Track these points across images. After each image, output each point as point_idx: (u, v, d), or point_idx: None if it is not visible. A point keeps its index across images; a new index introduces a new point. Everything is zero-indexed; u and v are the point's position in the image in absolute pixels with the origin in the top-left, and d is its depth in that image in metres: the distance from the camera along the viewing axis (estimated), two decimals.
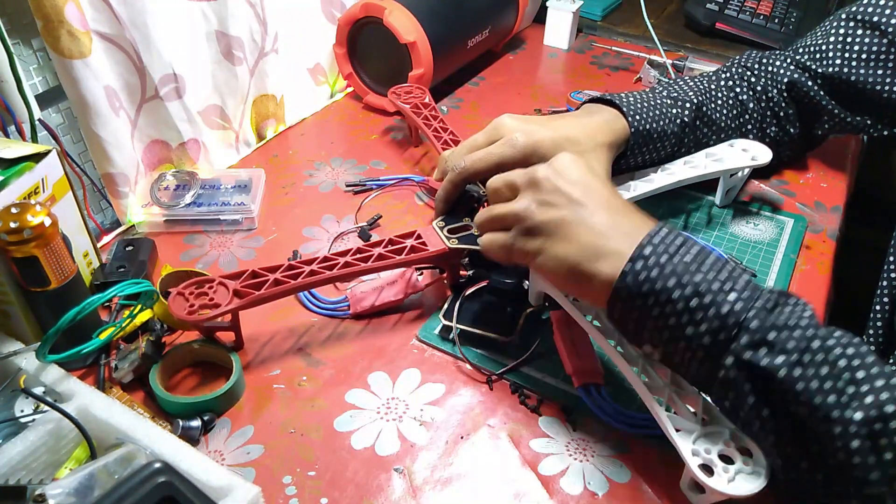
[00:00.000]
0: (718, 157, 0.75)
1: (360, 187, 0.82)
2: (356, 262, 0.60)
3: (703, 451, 0.47)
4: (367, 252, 0.61)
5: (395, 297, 0.64)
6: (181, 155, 0.81)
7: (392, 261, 0.61)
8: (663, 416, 0.49)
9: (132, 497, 0.38)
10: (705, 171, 0.73)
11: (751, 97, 0.78)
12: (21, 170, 0.54)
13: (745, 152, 0.75)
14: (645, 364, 0.51)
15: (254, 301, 0.57)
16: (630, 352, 0.52)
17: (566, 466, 0.52)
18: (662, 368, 0.51)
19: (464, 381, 0.59)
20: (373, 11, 0.89)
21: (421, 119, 0.83)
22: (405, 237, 0.63)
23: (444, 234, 0.64)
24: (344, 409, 0.56)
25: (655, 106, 0.72)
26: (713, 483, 0.45)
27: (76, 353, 0.52)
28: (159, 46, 0.73)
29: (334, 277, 0.60)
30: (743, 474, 0.45)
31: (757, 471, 0.45)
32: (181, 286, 0.57)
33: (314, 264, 0.60)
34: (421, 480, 0.51)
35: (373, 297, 0.64)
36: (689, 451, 0.47)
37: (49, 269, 0.52)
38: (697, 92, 0.76)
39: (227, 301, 0.56)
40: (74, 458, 0.48)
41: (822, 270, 0.71)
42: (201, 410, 0.54)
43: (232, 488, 0.44)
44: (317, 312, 0.65)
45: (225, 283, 0.57)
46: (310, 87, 1.00)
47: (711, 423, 0.48)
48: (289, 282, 0.58)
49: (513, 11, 1.07)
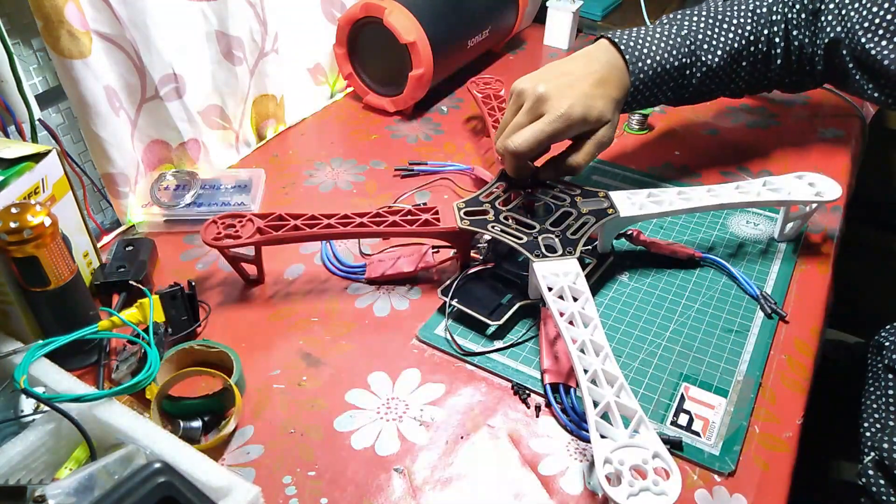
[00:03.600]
0: (776, 188, 0.69)
1: (408, 172, 0.85)
2: (371, 223, 0.64)
3: (616, 461, 0.45)
4: (384, 218, 0.65)
5: (407, 268, 0.67)
6: (181, 155, 0.81)
7: (404, 229, 0.64)
8: (592, 419, 0.48)
9: (132, 497, 0.38)
10: (758, 198, 0.68)
11: (781, 46, 0.76)
12: (21, 170, 0.54)
13: (811, 187, 0.69)
14: (598, 371, 0.51)
15: (272, 240, 0.63)
16: (589, 358, 0.52)
17: (566, 466, 0.52)
18: (612, 377, 0.50)
19: (464, 381, 0.59)
20: (373, 11, 0.89)
21: (487, 108, 0.88)
22: (424, 210, 0.66)
23: (459, 214, 0.65)
24: (344, 409, 0.56)
25: (653, 41, 0.73)
26: (613, 493, 0.43)
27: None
28: (159, 46, 0.73)
29: (348, 234, 0.64)
30: (649, 493, 0.43)
31: (665, 492, 0.43)
32: (217, 216, 0.64)
33: (333, 219, 0.64)
34: (421, 480, 0.51)
35: (387, 264, 0.68)
36: (602, 458, 0.45)
37: (49, 269, 0.52)
38: (696, 33, 0.74)
39: (249, 235, 0.62)
40: (74, 459, 0.48)
41: (822, 270, 0.71)
42: (202, 411, 0.54)
43: (232, 488, 0.44)
44: (335, 273, 0.70)
45: (253, 220, 0.64)
46: (310, 87, 1.00)
47: (640, 439, 0.47)
48: (306, 229, 0.63)
49: (513, 11, 1.07)
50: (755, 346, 0.62)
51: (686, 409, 0.56)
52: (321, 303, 0.66)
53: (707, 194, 0.68)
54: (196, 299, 0.62)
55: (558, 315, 0.55)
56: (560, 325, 0.55)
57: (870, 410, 0.72)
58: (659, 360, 0.60)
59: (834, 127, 0.95)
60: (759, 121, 0.97)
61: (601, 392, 0.50)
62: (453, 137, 0.92)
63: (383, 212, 0.65)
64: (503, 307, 0.62)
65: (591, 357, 0.52)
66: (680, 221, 0.77)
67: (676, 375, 0.59)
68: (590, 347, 0.53)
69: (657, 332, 0.63)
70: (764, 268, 0.70)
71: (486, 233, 0.64)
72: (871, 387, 0.74)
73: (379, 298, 0.67)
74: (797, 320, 0.65)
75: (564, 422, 0.55)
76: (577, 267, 0.60)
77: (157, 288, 0.61)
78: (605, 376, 0.51)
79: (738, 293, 0.67)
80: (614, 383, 0.50)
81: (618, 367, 0.51)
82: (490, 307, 0.62)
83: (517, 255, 0.67)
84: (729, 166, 0.86)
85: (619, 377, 0.50)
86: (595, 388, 0.50)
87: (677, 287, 0.68)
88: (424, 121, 0.96)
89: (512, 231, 0.64)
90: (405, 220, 0.65)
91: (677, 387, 0.58)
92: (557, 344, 0.59)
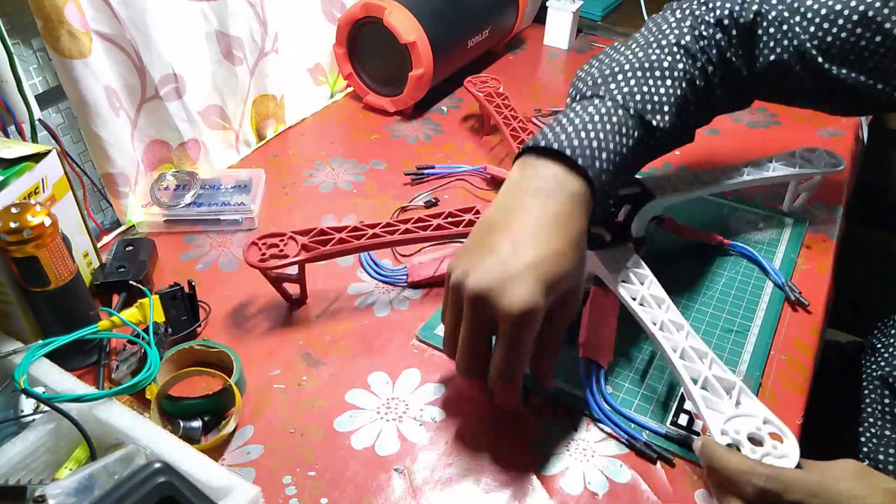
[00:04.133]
0: (793, 161, 0.74)
1: (418, 175, 0.84)
2: (416, 229, 0.64)
3: (731, 431, 0.47)
4: (427, 222, 0.65)
5: None
6: (181, 155, 0.81)
7: (449, 231, 0.64)
8: (696, 393, 0.49)
9: (132, 497, 0.38)
10: (773, 173, 0.72)
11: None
12: (21, 170, 0.54)
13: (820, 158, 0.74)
14: (686, 348, 0.52)
15: (319, 256, 0.61)
16: (672, 336, 0.53)
17: (566, 466, 0.52)
18: (701, 352, 0.52)
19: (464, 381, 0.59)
20: (373, 11, 0.89)
21: (493, 107, 0.87)
22: (465, 211, 0.67)
23: None
24: (344, 409, 0.56)
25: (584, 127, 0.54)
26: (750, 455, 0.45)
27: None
28: (159, 46, 0.73)
29: (394, 242, 0.63)
30: (771, 457, 0.45)
31: (786, 455, 0.45)
32: (255, 238, 0.62)
33: (377, 228, 0.64)
34: (421, 480, 0.51)
35: (431, 267, 0.68)
36: (719, 430, 0.47)
37: (49, 269, 0.52)
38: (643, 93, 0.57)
39: (295, 253, 0.61)
40: (74, 459, 0.48)
41: (822, 270, 0.71)
42: (202, 411, 0.54)
43: (232, 488, 0.44)
44: (376, 279, 0.69)
45: (295, 238, 0.62)
46: (310, 87, 1.00)
47: (745, 408, 0.49)
48: (352, 241, 0.62)
49: (513, 11, 1.07)
50: (755, 346, 0.62)
51: (686, 409, 0.56)
52: (321, 303, 0.66)
53: (731, 177, 0.71)
54: (196, 299, 0.61)
55: (630, 299, 0.56)
56: (635, 309, 0.55)
57: (864, 415, 0.72)
58: (659, 360, 0.60)
59: (834, 127, 0.95)
60: (759, 121, 0.97)
61: (696, 367, 0.51)
62: (453, 137, 0.92)
63: (424, 217, 0.65)
64: None
65: (674, 335, 0.53)
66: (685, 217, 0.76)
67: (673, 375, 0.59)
68: (670, 326, 0.54)
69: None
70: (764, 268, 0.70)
71: None
72: (865, 389, 0.74)
73: (379, 299, 0.67)
74: (797, 320, 0.65)
75: (590, 400, 0.55)
76: (633, 252, 0.60)
77: (157, 288, 0.61)
78: (695, 352, 0.52)
79: (738, 293, 0.67)
80: (705, 358, 0.51)
81: (703, 342, 0.53)
82: None
83: None
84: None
85: (707, 351, 0.52)
86: (689, 364, 0.51)
87: (678, 287, 0.68)
88: (424, 121, 0.96)
89: None
90: (449, 222, 0.65)
91: (678, 387, 0.58)
92: (601, 324, 0.59)
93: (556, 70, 1.12)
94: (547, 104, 0.99)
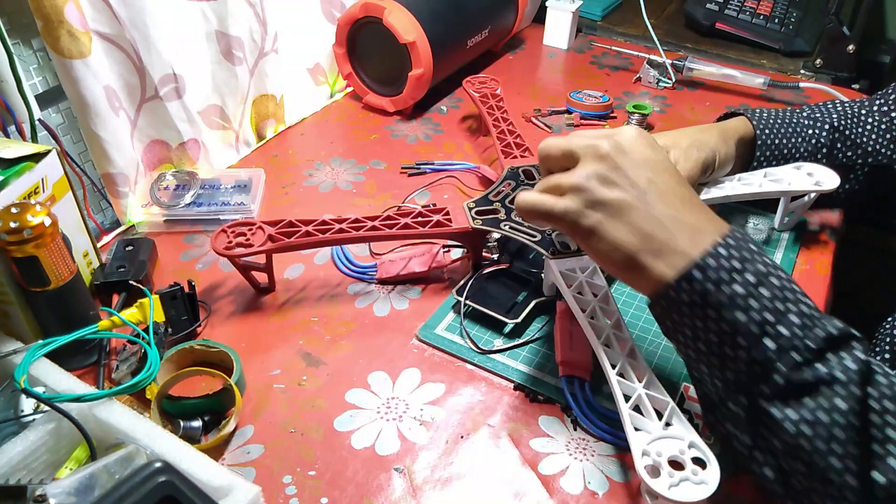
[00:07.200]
0: (777, 178, 0.71)
1: (416, 171, 0.85)
2: (383, 226, 0.64)
3: (653, 453, 0.46)
4: (395, 220, 0.65)
5: (419, 268, 0.67)
6: (181, 155, 0.81)
7: (416, 231, 0.64)
8: (626, 413, 0.49)
9: (132, 497, 0.38)
10: (760, 189, 0.70)
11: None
12: (21, 170, 0.54)
13: (809, 176, 0.71)
14: (625, 364, 0.52)
15: (284, 247, 0.62)
16: (615, 352, 0.52)
17: (566, 466, 0.52)
18: (640, 370, 0.51)
19: (464, 380, 0.59)
20: (372, 11, 0.89)
21: (486, 108, 0.87)
22: (434, 212, 0.67)
23: (471, 214, 0.66)
24: (344, 408, 0.56)
25: (789, 123, 0.74)
26: (654, 484, 0.44)
27: None
28: (159, 46, 0.73)
29: (360, 238, 0.64)
30: (689, 483, 0.44)
31: (705, 482, 0.44)
32: (226, 225, 0.63)
33: (345, 223, 0.64)
34: (421, 480, 0.51)
35: (399, 265, 0.68)
36: (640, 451, 0.46)
37: (49, 269, 0.52)
38: (842, 115, 0.74)
39: (260, 243, 0.61)
40: (74, 458, 0.48)
41: (822, 270, 0.71)
42: (202, 410, 0.54)
43: (232, 488, 0.44)
44: (347, 274, 0.69)
45: (263, 228, 0.63)
46: (310, 87, 1.00)
47: (674, 430, 0.48)
48: (318, 235, 0.62)
49: (512, 11, 1.07)
50: None
51: (686, 409, 0.56)
52: (321, 303, 0.66)
53: (714, 188, 0.71)
54: (196, 299, 0.62)
55: (579, 311, 0.55)
56: (581, 321, 0.55)
57: None
58: (659, 361, 0.60)
59: None
60: None
61: (632, 385, 0.50)
62: (453, 137, 0.92)
63: (394, 214, 0.65)
64: (519, 305, 0.63)
65: (616, 351, 0.52)
66: None
67: (677, 375, 0.59)
68: (614, 342, 0.53)
69: (657, 332, 0.63)
70: None
71: (500, 232, 0.64)
72: None
73: (379, 298, 0.67)
74: None
75: (579, 416, 0.55)
76: (593, 262, 0.60)
77: (157, 288, 0.61)
78: (633, 370, 0.51)
79: None
80: (643, 377, 0.51)
81: (644, 361, 0.52)
82: (506, 305, 0.63)
83: (528, 253, 0.68)
84: None
85: (646, 370, 0.51)
86: (625, 381, 0.51)
87: None
88: (424, 121, 0.96)
89: (524, 229, 0.64)
90: (417, 221, 0.65)
91: (677, 387, 0.58)
92: (573, 338, 0.58)
93: (556, 70, 1.12)
94: (546, 104, 0.99)
